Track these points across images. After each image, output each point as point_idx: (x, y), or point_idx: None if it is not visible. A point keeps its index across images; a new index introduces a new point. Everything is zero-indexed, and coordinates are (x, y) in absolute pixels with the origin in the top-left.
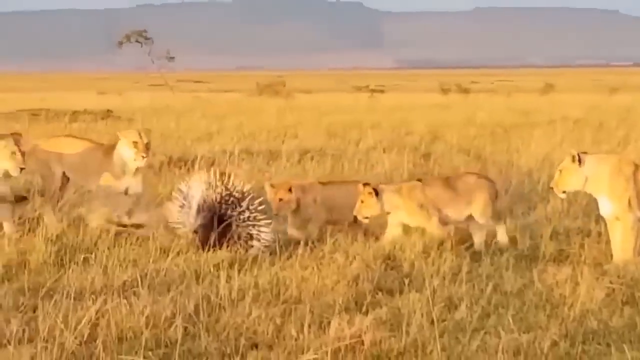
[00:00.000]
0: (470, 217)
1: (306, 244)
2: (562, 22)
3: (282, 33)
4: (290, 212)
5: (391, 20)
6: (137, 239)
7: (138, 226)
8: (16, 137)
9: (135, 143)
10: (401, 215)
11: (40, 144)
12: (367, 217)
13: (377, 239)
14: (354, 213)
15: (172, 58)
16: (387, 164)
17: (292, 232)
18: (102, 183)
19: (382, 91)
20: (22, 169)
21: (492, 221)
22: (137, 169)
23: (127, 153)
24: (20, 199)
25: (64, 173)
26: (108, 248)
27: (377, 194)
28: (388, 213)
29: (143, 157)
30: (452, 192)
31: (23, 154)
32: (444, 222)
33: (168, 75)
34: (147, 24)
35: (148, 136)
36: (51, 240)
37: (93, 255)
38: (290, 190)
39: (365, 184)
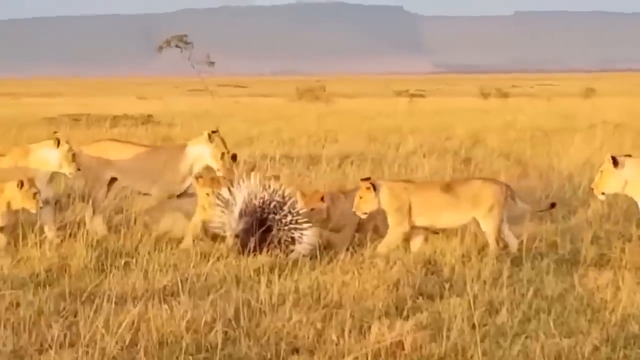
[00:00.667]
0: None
1: (347, 249)
2: (603, 25)
3: (322, 37)
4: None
5: (431, 24)
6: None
7: None
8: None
9: (223, 154)
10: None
11: (84, 149)
12: (365, 213)
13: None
14: (353, 209)
15: (212, 63)
16: (427, 168)
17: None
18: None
19: (422, 95)
20: (78, 169)
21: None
22: None
23: (210, 161)
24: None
25: (112, 178)
26: (149, 253)
27: (375, 188)
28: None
29: (228, 169)
30: (452, 197)
31: (75, 155)
32: (434, 227)
33: (208, 80)
34: (188, 28)
35: (226, 145)
36: (92, 245)
37: (134, 260)
38: (322, 199)
39: (364, 179)
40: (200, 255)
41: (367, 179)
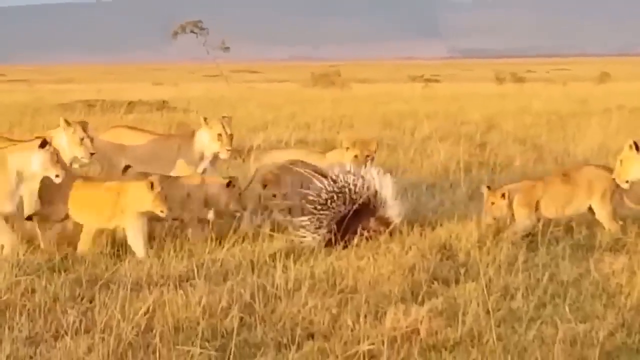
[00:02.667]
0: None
1: (361, 234)
2: (618, 9)
3: (336, 23)
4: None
5: (446, 9)
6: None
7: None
8: (84, 124)
9: (219, 136)
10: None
11: (99, 136)
12: (495, 218)
13: (433, 228)
14: (484, 214)
15: (227, 48)
16: (442, 153)
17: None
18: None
19: (437, 80)
20: (92, 154)
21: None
22: (214, 159)
23: (210, 145)
24: None
25: (126, 165)
26: (164, 238)
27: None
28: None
29: (228, 150)
30: (571, 187)
31: (92, 140)
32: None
33: (223, 66)
34: (203, 14)
35: (230, 126)
36: (107, 231)
37: (149, 246)
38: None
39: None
40: (215, 240)
41: (488, 187)
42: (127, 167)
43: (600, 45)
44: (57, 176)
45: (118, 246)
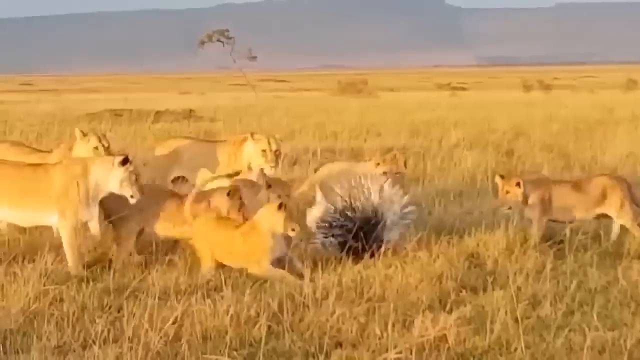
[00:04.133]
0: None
1: (388, 241)
2: None
3: (363, 31)
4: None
5: (472, 17)
6: None
7: None
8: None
9: (263, 152)
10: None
11: (157, 148)
12: (510, 208)
13: (460, 236)
14: (499, 203)
15: (253, 57)
16: (470, 161)
17: None
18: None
19: (464, 89)
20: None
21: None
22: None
23: (255, 160)
24: None
25: (176, 177)
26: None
27: (518, 184)
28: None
29: (272, 166)
30: (581, 193)
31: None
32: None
33: (250, 75)
34: (229, 23)
35: (277, 143)
36: (135, 241)
37: (177, 256)
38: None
39: (503, 176)
40: None
41: (502, 176)
42: (177, 178)
43: (627, 52)
44: (131, 197)
45: (146, 255)
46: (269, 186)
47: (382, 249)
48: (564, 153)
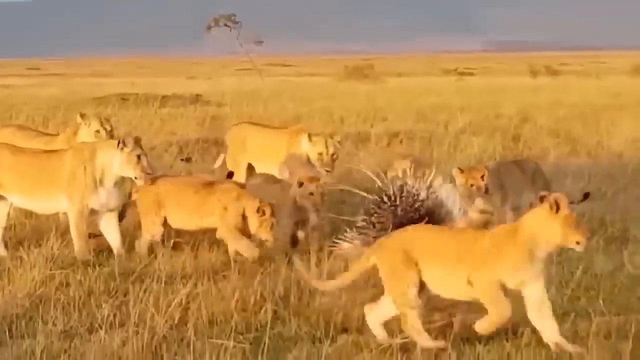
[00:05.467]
0: None
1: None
2: None
3: (370, 16)
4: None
5: (479, 2)
6: None
7: None
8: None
9: (320, 155)
10: None
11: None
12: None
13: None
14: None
15: (260, 42)
16: (476, 146)
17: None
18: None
19: (471, 74)
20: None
21: None
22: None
23: (309, 154)
24: None
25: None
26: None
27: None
28: None
29: (327, 170)
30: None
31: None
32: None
33: (256, 59)
34: (236, 7)
35: (334, 146)
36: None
37: (183, 240)
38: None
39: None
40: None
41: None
42: (230, 174)
43: (634, 38)
44: (136, 178)
45: (152, 240)
46: (300, 184)
47: None
48: (571, 138)
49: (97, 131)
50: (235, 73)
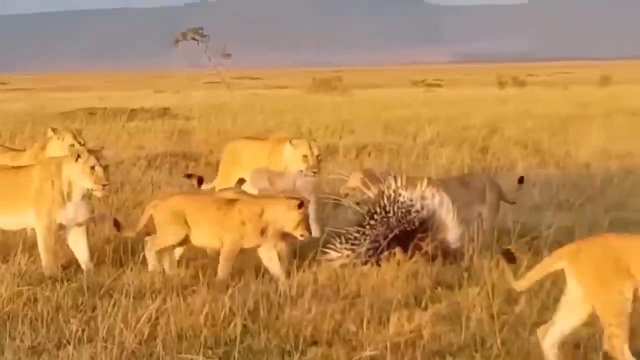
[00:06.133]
0: None
1: (411, 255)
2: (618, 12)
3: (338, 28)
4: None
5: (447, 13)
6: None
7: None
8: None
9: (305, 157)
10: None
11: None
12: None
13: None
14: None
15: (228, 55)
16: (444, 158)
17: None
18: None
19: (439, 85)
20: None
21: None
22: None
23: (295, 164)
24: None
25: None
26: None
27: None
28: None
29: (314, 172)
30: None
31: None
32: None
33: (224, 73)
34: (203, 21)
35: (318, 148)
36: (109, 240)
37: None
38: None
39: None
40: None
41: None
42: (240, 181)
43: (601, 49)
44: (92, 190)
45: (120, 254)
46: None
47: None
48: (539, 149)
49: (72, 145)
50: (203, 86)
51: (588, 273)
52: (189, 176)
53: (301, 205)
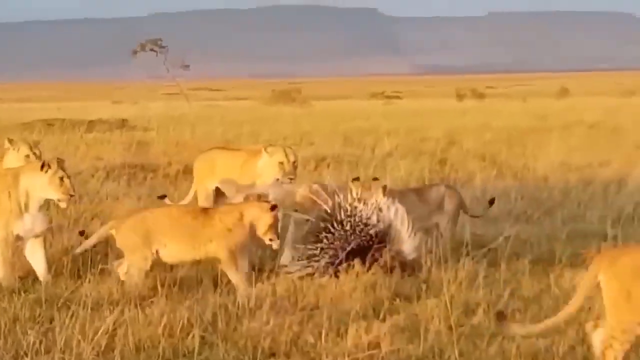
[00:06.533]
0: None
1: (369, 267)
2: (576, 25)
3: (297, 40)
4: None
5: (406, 26)
6: None
7: None
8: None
9: (281, 164)
10: None
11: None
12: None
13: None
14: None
15: (187, 66)
16: (403, 170)
17: None
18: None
19: (398, 97)
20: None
21: None
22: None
23: (271, 172)
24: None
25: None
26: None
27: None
28: None
29: (291, 178)
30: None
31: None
32: None
33: (183, 84)
34: (162, 32)
35: (294, 154)
36: (67, 252)
37: (109, 266)
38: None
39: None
40: None
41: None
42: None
43: (559, 61)
44: (59, 200)
45: (78, 266)
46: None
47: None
48: (497, 161)
49: (27, 156)
50: (162, 97)
51: (617, 287)
52: (163, 197)
53: (274, 207)
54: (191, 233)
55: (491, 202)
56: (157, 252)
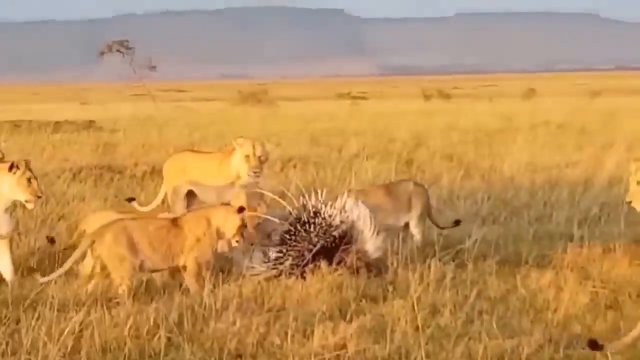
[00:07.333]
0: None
1: (335, 269)
2: (542, 26)
3: (263, 41)
4: None
5: (372, 27)
6: None
7: None
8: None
9: (247, 157)
10: None
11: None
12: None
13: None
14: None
15: (154, 67)
16: (370, 171)
17: None
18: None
19: (364, 98)
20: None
21: None
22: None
23: (239, 166)
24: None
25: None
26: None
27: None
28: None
29: (255, 172)
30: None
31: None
32: None
33: (150, 85)
34: (129, 33)
35: (264, 148)
36: (33, 253)
37: (76, 267)
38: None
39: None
40: None
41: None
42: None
43: (525, 62)
44: (27, 201)
45: (45, 267)
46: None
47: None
48: (464, 162)
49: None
50: (129, 99)
51: None
52: (131, 200)
53: (240, 210)
54: (167, 246)
55: (456, 222)
56: (142, 262)
